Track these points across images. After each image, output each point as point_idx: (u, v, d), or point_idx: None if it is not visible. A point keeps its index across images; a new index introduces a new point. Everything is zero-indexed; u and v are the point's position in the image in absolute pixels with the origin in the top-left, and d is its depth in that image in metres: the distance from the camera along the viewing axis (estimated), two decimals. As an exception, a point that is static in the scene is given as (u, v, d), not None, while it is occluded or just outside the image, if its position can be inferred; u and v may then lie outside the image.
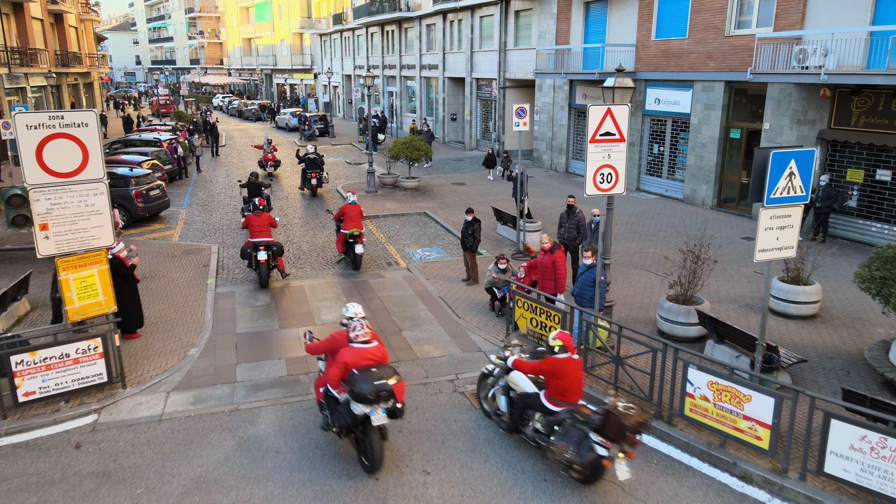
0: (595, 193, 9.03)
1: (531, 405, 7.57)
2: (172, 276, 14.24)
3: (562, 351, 7.37)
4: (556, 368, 7.27)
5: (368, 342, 7.34)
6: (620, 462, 6.65)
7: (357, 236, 14.53)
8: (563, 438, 6.99)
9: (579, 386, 7.38)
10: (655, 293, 12.94)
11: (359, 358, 7.18)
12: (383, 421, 7.06)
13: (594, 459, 6.70)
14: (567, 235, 12.90)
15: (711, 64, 19.54)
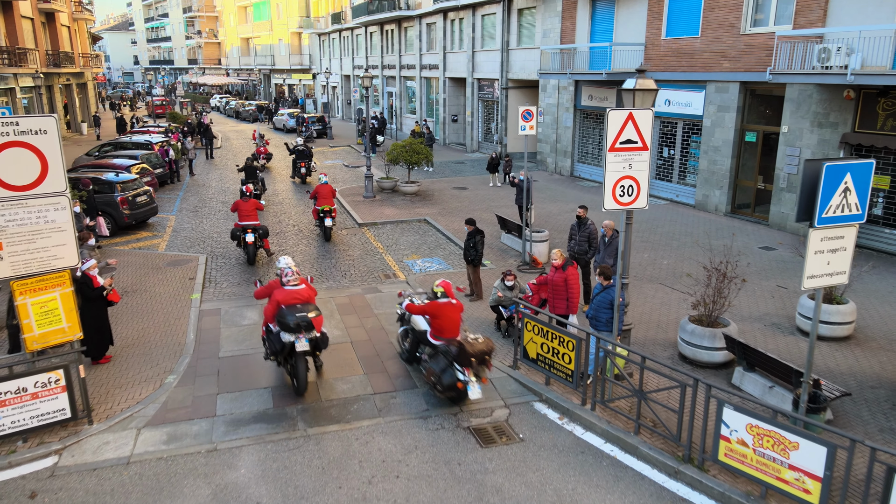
0: (614, 208, 8.12)
1: (421, 340, 9.50)
2: (155, 290, 13.32)
3: (443, 296, 9.15)
4: (437, 310, 9.05)
5: (297, 285, 9.13)
6: (473, 385, 8.40)
7: (328, 211, 17.03)
8: (432, 364, 8.81)
9: (456, 326, 9.14)
10: (673, 310, 12.02)
11: (288, 297, 8.96)
12: (305, 348, 8.71)
13: (453, 382, 8.40)
14: (577, 249, 11.97)
15: (725, 64, 18.62)
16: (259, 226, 15.31)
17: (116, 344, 10.60)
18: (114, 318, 11.61)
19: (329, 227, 17.00)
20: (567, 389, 9.05)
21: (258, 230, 15.23)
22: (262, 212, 18.40)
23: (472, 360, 8.33)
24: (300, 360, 8.83)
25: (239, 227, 15.20)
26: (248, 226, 15.14)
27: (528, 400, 9.04)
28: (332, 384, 9.40)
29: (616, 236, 11.09)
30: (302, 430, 8.21)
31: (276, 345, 8.89)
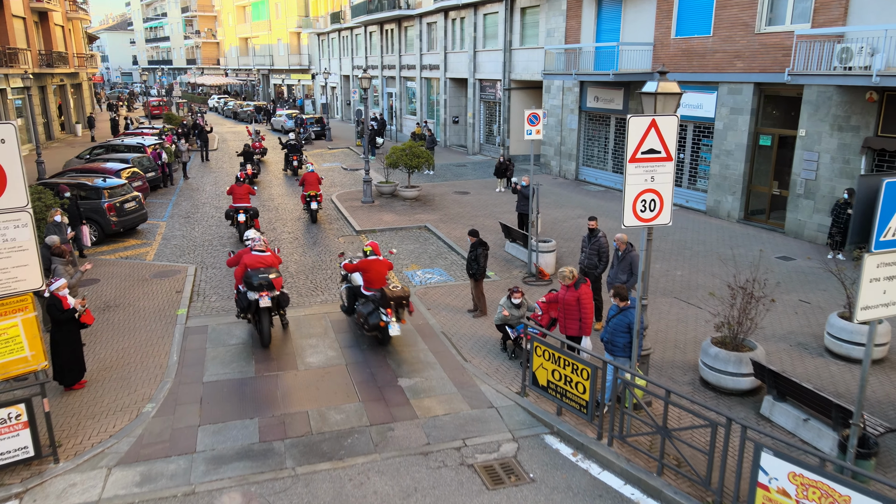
0: (635, 225, 7.35)
1: (356, 293, 11.13)
2: (139, 304, 12.55)
3: (371, 254, 10.99)
4: (367, 266, 10.78)
5: (263, 251, 10.79)
6: (393, 325, 10.14)
7: (314, 196, 18.98)
8: (362, 309, 10.57)
9: (382, 278, 10.83)
10: (690, 328, 11.25)
11: (254, 261, 10.56)
12: (268, 304, 10.29)
13: (377, 322, 10.13)
14: (587, 262, 11.20)
15: (739, 64, 17.84)
16: (251, 207, 17.30)
17: (93, 366, 9.85)
18: (92, 336, 10.87)
19: (315, 209, 19.08)
20: (581, 421, 8.28)
21: (249, 211, 17.21)
22: (255, 196, 20.06)
23: (392, 304, 10.17)
24: (264, 315, 10.46)
25: (233, 208, 17.28)
26: (241, 207, 17.16)
27: (539, 432, 8.28)
28: (324, 414, 8.63)
29: (630, 251, 10.33)
30: (290, 469, 7.45)
31: (244, 302, 10.54)
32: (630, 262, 10.30)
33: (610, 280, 10.57)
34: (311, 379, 9.57)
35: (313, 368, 9.91)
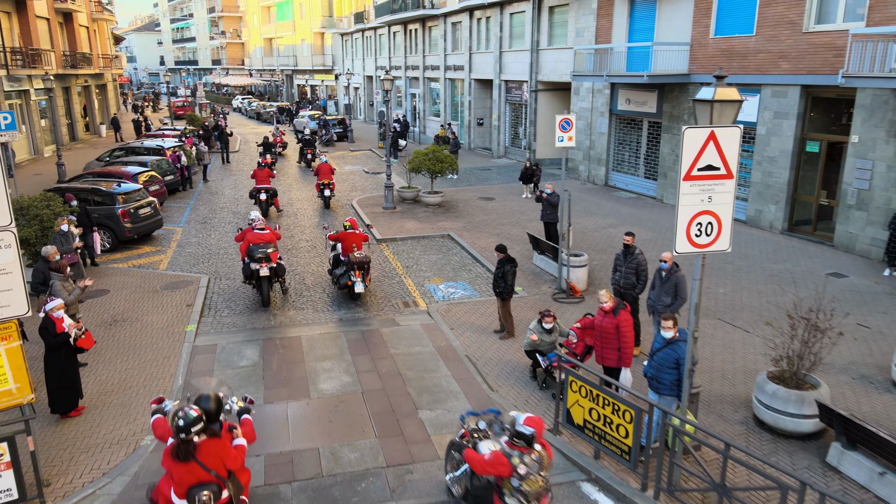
0: (689, 251, 6.45)
1: (339, 262, 13.08)
2: (147, 319, 11.93)
3: (350, 228, 12.96)
4: (343, 237, 12.88)
5: (263, 230, 12.71)
6: (358, 283, 12.32)
7: (327, 184, 20.98)
8: (337, 271, 12.92)
9: (360, 245, 12.84)
10: (738, 356, 10.28)
11: (256, 238, 12.53)
12: (266, 273, 12.25)
13: (345, 282, 12.51)
14: (623, 282, 10.27)
15: (784, 65, 16.73)
16: (270, 188, 20.14)
17: (93, 390, 9.22)
18: (96, 355, 10.26)
19: (328, 196, 21.10)
20: (622, 468, 7.40)
21: (269, 191, 20.06)
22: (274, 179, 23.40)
23: (355, 266, 12.38)
24: (264, 282, 12.52)
25: (255, 189, 20.01)
26: (262, 188, 19.93)
27: (574, 478, 7.41)
28: (337, 452, 7.86)
29: (675, 271, 9.39)
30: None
31: (248, 271, 12.50)
32: (675, 283, 9.37)
33: (651, 303, 9.65)
34: (323, 409, 8.81)
35: (326, 396, 9.15)
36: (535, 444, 5.41)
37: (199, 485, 5.49)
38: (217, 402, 5.65)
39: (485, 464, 5.48)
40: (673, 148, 20.76)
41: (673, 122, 20.69)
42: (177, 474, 5.47)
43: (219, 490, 5.54)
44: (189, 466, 5.43)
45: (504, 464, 5.34)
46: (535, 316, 11.92)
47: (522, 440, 5.37)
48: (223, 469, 5.60)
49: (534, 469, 5.36)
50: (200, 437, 5.39)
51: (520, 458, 5.34)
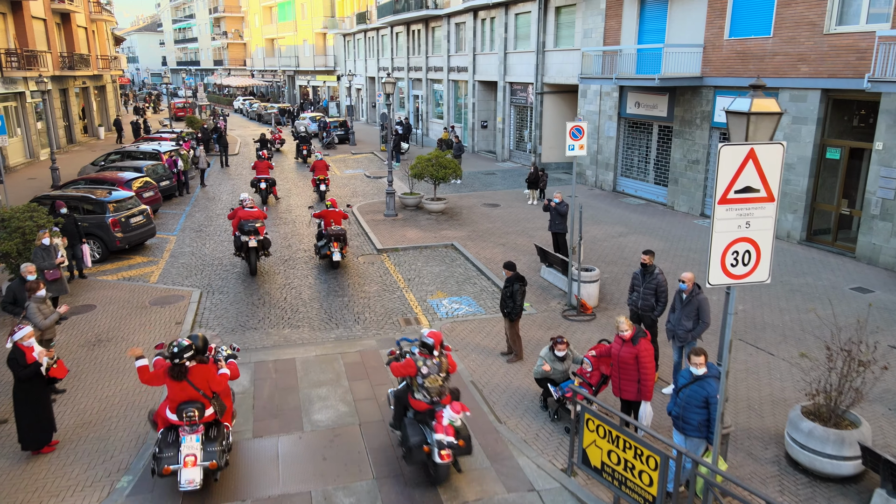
0: (723, 283, 5.75)
1: (321, 235, 15.38)
2: (133, 338, 11.27)
3: (331, 207, 15.40)
4: (325, 214, 15.30)
5: (253, 208, 14.81)
6: (336, 253, 14.63)
7: (322, 180, 22.36)
8: (319, 244, 15.31)
9: (339, 221, 15.26)
10: (764, 382, 9.57)
11: (245, 215, 14.58)
12: (254, 245, 14.37)
13: (325, 252, 14.89)
14: (642, 304, 9.57)
15: (804, 68, 16.01)
16: (270, 178, 22.66)
17: (69, 421, 8.56)
18: (76, 380, 9.61)
19: (324, 191, 22.46)
20: (645, 518, 6.69)
21: (269, 181, 22.54)
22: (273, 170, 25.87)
23: (333, 238, 14.77)
24: (252, 253, 14.59)
25: (256, 178, 22.58)
26: (262, 178, 22.46)
27: (591, 528, 6.72)
28: (331, 497, 7.17)
29: (697, 293, 8.69)
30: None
31: (238, 243, 14.53)
32: (697, 306, 8.67)
33: (671, 327, 8.95)
34: (317, 444, 8.13)
35: (321, 429, 8.46)
36: (434, 352, 7.35)
37: (188, 402, 6.87)
38: (204, 340, 7.29)
39: (400, 367, 7.32)
40: (685, 153, 20.04)
41: (684, 126, 19.97)
42: (171, 392, 6.92)
43: (203, 408, 6.90)
44: (181, 385, 6.89)
45: (411, 365, 7.27)
46: (544, 335, 11.25)
47: (426, 348, 7.36)
48: (209, 390, 7.04)
49: (433, 370, 7.28)
50: (191, 362, 6.98)
51: (423, 361, 7.28)
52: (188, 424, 6.81)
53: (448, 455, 6.96)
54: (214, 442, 6.93)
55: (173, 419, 6.88)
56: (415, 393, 7.33)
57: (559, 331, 11.54)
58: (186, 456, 6.68)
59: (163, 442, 6.84)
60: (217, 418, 7.14)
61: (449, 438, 6.96)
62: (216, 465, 6.82)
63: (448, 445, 6.96)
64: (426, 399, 7.26)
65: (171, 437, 6.87)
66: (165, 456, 6.72)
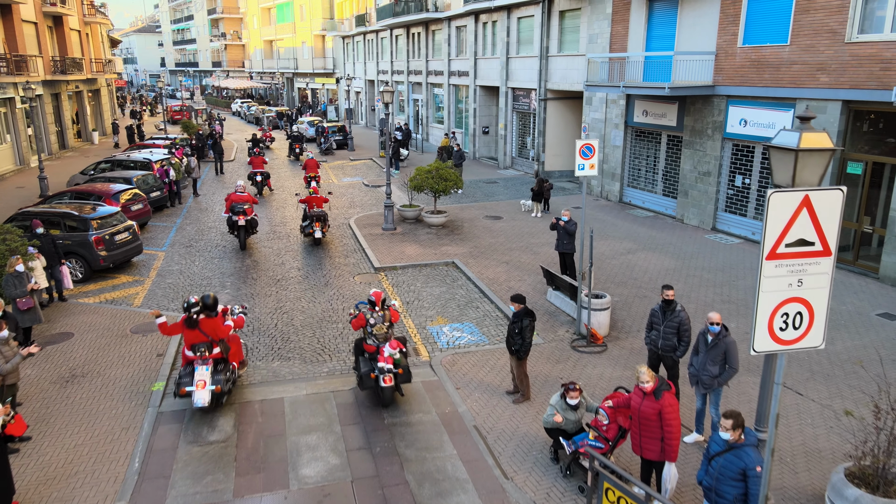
0: (771, 349, 4.96)
1: (306, 216, 17.97)
2: (109, 374, 10.47)
3: (313, 193, 18.35)
4: (309, 199, 17.96)
5: (243, 193, 17.63)
6: (317, 231, 17.41)
7: (314, 177, 23.78)
8: (303, 224, 18.02)
9: (320, 204, 18.03)
10: (794, 427, 8.77)
11: (236, 198, 17.46)
12: (242, 223, 17.26)
13: (308, 231, 17.65)
14: (663, 344, 8.77)
15: (823, 78, 15.21)
16: (264, 171, 25.22)
17: (32, 476, 7.78)
18: (44, 424, 8.83)
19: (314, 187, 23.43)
20: None
21: (263, 174, 25.05)
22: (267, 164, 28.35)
23: (314, 218, 17.52)
24: (241, 230, 17.37)
25: (252, 172, 25.00)
26: (258, 172, 24.88)
27: None
28: (316, 574, 6.39)
29: (725, 335, 7.89)
30: None
31: (230, 222, 17.41)
32: (724, 349, 7.87)
33: (694, 371, 8.15)
34: (306, 497, 7.33)
35: (309, 487, 7.66)
36: (377, 307, 9.57)
37: (200, 343, 9.16)
38: (214, 299, 9.38)
39: (355, 322, 9.60)
40: (695, 164, 19.24)
41: (695, 136, 19.17)
42: (186, 337, 9.21)
43: (210, 347, 9.20)
44: (194, 332, 9.15)
45: (362, 318, 9.55)
46: (552, 370, 10.45)
47: (371, 305, 9.62)
48: (216, 336, 9.26)
49: (379, 320, 9.51)
50: (200, 315, 9.22)
51: (370, 315, 9.55)
52: (200, 359, 9.01)
53: (389, 379, 9.12)
54: (220, 374, 9.08)
55: (189, 355, 9.21)
56: (367, 339, 9.61)
57: (568, 364, 10.74)
58: (198, 381, 8.78)
59: (183, 372, 9.12)
60: (224, 357, 9.38)
61: (388, 366, 9.10)
62: (220, 389, 8.94)
63: (388, 371, 9.10)
64: (375, 343, 9.47)
65: (188, 369, 9.10)
66: (183, 381, 8.91)
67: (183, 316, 9.20)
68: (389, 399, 9.31)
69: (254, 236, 18.68)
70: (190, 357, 9.18)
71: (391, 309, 9.74)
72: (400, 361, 9.20)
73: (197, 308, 9.19)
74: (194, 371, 8.90)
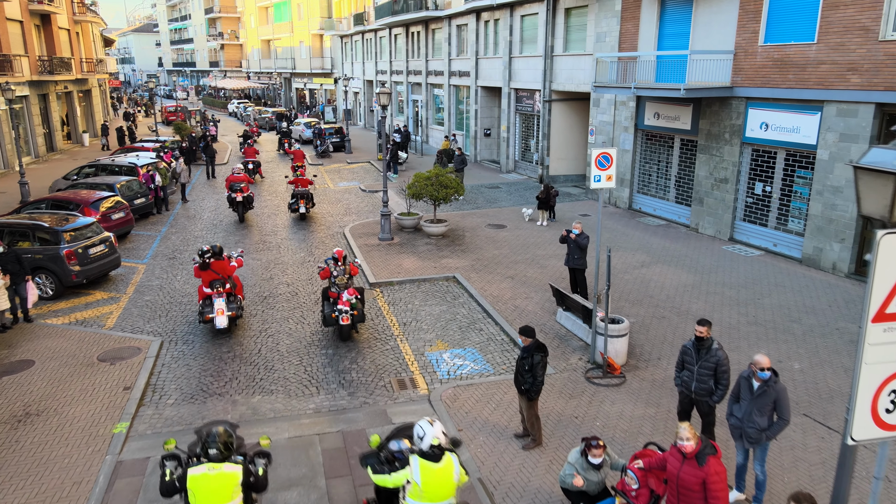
0: (875, 436, 3.81)
1: (294, 195, 20.78)
2: (69, 412, 9.31)
3: (300, 175, 21.74)
4: (295, 181, 20.96)
5: (240, 174, 20.91)
6: (302, 207, 20.33)
7: (301, 166, 24.23)
8: (292, 201, 20.92)
9: (305, 185, 20.73)
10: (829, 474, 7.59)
11: (234, 179, 20.68)
12: (239, 199, 20.37)
13: (294, 208, 20.53)
14: (697, 387, 7.59)
15: (854, 79, 14.07)
16: (256, 160, 28.18)
17: (-39, 548, 6.62)
18: (-18, 481, 7.64)
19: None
20: None
21: (255, 163, 27.87)
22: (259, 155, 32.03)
23: (299, 196, 20.33)
24: (239, 205, 20.45)
25: (245, 161, 27.55)
26: (250, 160, 27.71)
27: None
28: None
29: (775, 382, 6.74)
30: None
31: (229, 198, 20.44)
32: (774, 398, 6.72)
33: (737, 423, 7.00)
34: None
35: (285, 561, 6.51)
36: (339, 262, 11.75)
37: (215, 281, 11.74)
38: (220, 248, 12.03)
39: (322, 273, 11.79)
40: (711, 170, 18.09)
41: (711, 140, 18.03)
42: (204, 277, 11.86)
43: (223, 283, 11.79)
44: (208, 273, 11.81)
45: (327, 270, 11.77)
46: (565, 406, 9.31)
47: (334, 260, 11.75)
48: (225, 274, 11.95)
49: (340, 273, 11.69)
50: (211, 259, 11.83)
51: (334, 267, 11.76)
52: (216, 292, 11.61)
53: (347, 318, 11.23)
54: (233, 303, 11.77)
55: (207, 291, 11.73)
56: (331, 287, 11.71)
57: (583, 400, 9.59)
58: (217, 309, 11.42)
59: (204, 304, 11.69)
60: (232, 291, 11.94)
61: (346, 308, 11.19)
62: (235, 314, 11.67)
63: (345, 312, 11.19)
64: (336, 290, 11.58)
65: (208, 302, 11.68)
66: (206, 310, 11.55)
67: (196, 264, 11.89)
68: (347, 335, 11.55)
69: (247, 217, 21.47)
70: (207, 293, 11.72)
71: (351, 265, 12.04)
72: (356, 305, 11.33)
73: (209, 254, 11.83)
74: (213, 303, 11.56)
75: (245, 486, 5.69)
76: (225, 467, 5.56)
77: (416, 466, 5.65)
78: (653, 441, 6.76)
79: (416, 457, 5.70)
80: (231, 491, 5.56)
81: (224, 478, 5.52)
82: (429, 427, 5.74)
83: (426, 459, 5.65)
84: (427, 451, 5.67)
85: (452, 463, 5.76)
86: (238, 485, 5.62)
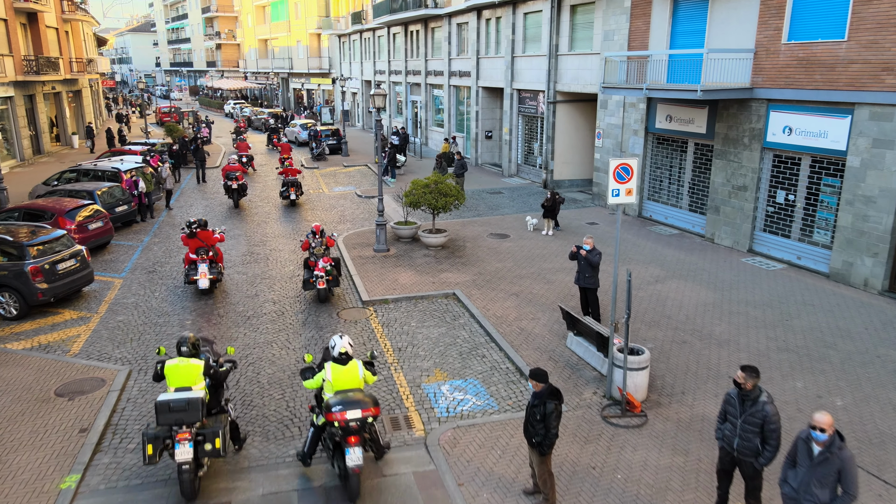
0: None
1: (284, 183, 23.03)
2: (12, 461, 8.14)
3: (289, 166, 24.04)
4: (285, 171, 23.07)
5: (235, 164, 23.69)
6: (292, 194, 22.71)
7: (287, 157, 26.14)
8: (282, 189, 23.27)
9: (294, 174, 22.93)
10: (917, 556, 6.45)
11: (229, 168, 22.86)
12: (235, 186, 22.45)
13: (285, 196, 22.97)
14: (740, 444, 6.43)
15: (889, 80, 12.91)
16: (249, 154, 29.83)
17: None
18: None
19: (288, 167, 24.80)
20: None
21: (248, 156, 29.48)
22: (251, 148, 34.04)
23: (289, 185, 22.52)
24: (234, 192, 22.52)
25: (238, 154, 28.88)
26: (243, 154, 29.33)
27: None
28: None
29: (841, 448, 5.57)
30: None
31: (224, 186, 22.62)
32: (839, 467, 5.55)
33: (792, 493, 5.83)
34: None
35: None
36: (317, 235, 13.95)
37: (200, 248, 13.76)
38: (205, 221, 14.28)
39: (303, 244, 13.95)
40: (728, 177, 16.93)
41: (728, 145, 16.87)
42: (190, 245, 13.96)
43: (207, 251, 13.79)
44: (194, 241, 13.88)
45: (307, 242, 13.89)
46: (579, 453, 8.15)
47: (312, 233, 13.99)
48: (210, 242, 14.02)
49: (318, 244, 13.80)
50: (197, 229, 13.92)
51: (313, 240, 13.87)
52: (201, 259, 13.56)
53: (322, 283, 13.16)
54: (215, 268, 13.77)
55: (193, 257, 13.73)
56: (310, 257, 13.65)
57: (601, 445, 8.43)
58: (201, 272, 13.50)
59: (190, 268, 13.71)
60: (214, 258, 13.98)
61: (321, 273, 13.17)
62: (216, 278, 13.79)
63: (321, 277, 13.16)
64: (315, 259, 13.51)
65: (193, 266, 13.69)
66: (190, 273, 13.60)
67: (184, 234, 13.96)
68: (324, 297, 13.43)
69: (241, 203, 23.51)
70: (193, 258, 13.72)
71: (328, 238, 14.07)
72: (330, 271, 13.38)
73: (196, 225, 13.94)
74: (198, 267, 13.56)
75: (206, 374, 7.67)
76: (192, 361, 7.61)
77: (328, 368, 7.52)
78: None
79: (329, 362, 7.59)
80: (195, 377, 7.53)
81: (190, 367, 7.53)
82: (339, 339, 7.64)
83: (336, 363, 7.57)
84: (336, 357, 7.58)
85: (357, 365, 7.66)
86: (200, 374, 7.58)
